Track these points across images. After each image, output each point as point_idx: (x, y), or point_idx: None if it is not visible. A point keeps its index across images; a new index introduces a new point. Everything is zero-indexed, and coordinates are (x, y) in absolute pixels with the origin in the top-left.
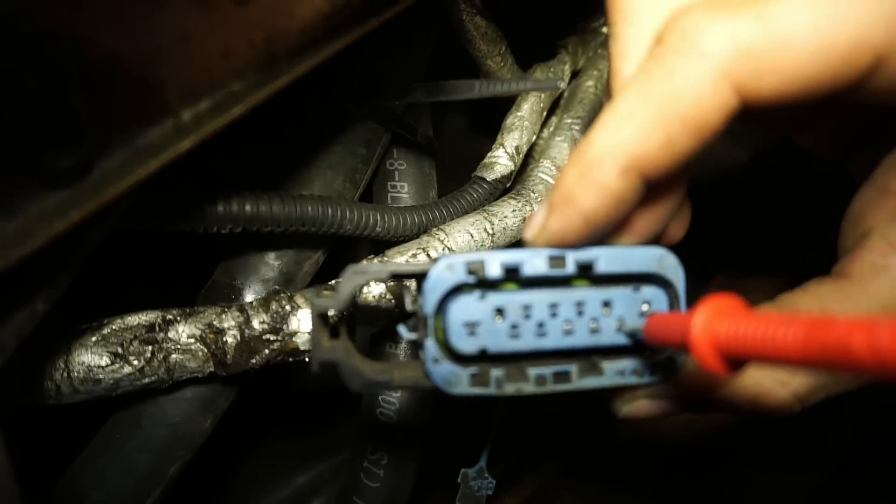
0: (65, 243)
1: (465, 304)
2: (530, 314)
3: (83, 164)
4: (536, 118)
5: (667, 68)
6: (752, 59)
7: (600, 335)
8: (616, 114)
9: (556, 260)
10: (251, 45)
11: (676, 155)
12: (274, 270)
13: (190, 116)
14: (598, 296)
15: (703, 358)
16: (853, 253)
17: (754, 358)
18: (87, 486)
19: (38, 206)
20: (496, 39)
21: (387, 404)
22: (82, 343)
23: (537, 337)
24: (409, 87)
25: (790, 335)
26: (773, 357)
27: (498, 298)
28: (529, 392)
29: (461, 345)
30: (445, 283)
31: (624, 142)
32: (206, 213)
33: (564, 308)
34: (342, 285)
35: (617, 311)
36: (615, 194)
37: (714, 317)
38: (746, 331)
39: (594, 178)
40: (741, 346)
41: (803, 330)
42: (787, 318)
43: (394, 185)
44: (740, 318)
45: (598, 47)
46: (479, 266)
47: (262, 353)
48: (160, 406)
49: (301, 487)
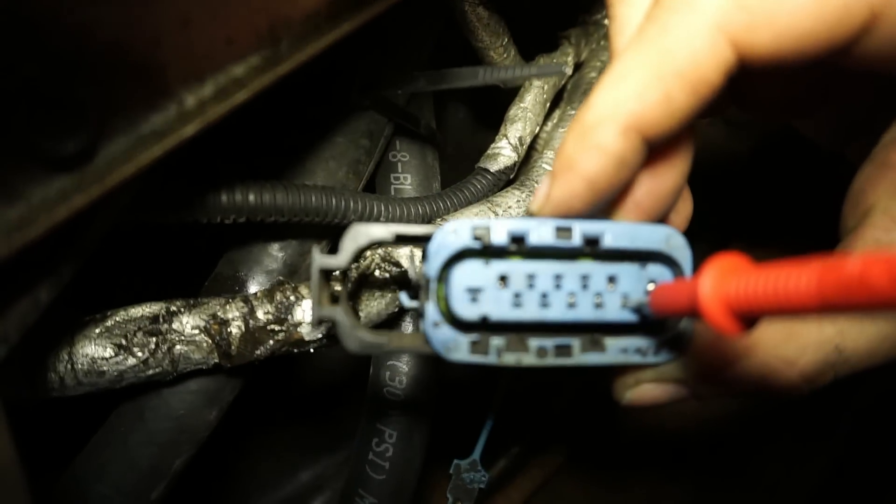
0: (68, 231)
1: (468, 269)
2: (534, 284)
3: (86, 149)
4: (540, 109)
5: (661, 25)
6: (746, 11)
7: (604, 310)
8: (613, 75)
9: (563, 231)
10: (255, 30)
11: (676, 113)
12: (278, 262)
13: (193, 102)
14: (603, 270)
15: (714, 318)
16: (856, 231)
17: (768, 311)
18: (91, 479)
19: (41, 192)
20: (499, 30)
21: (391, 396)
22: (86, 335)
23: (540, 308)
24: (412, 76)
25: (804, 281)
26: (788, 307)
27: (502, 266)
28: (529, 364)
29: (463, 310)
30: (450, 246)
31: (622, 101)
32: (209, 203)
33: (569, 280)
34: (345, 243)
35: (622, 287)
36: (617, 155)
37: (722, 275)
38: (756, 285)
39: (594, 140)
40: (753, 300)
41: (817, 273)
42: (796, 265)
43: (397, 176)
44: (748, 274)
45: (600, 39)
46: (485, 232)
47: (266, 344)
48: (164, 399)
49: (305, 483)
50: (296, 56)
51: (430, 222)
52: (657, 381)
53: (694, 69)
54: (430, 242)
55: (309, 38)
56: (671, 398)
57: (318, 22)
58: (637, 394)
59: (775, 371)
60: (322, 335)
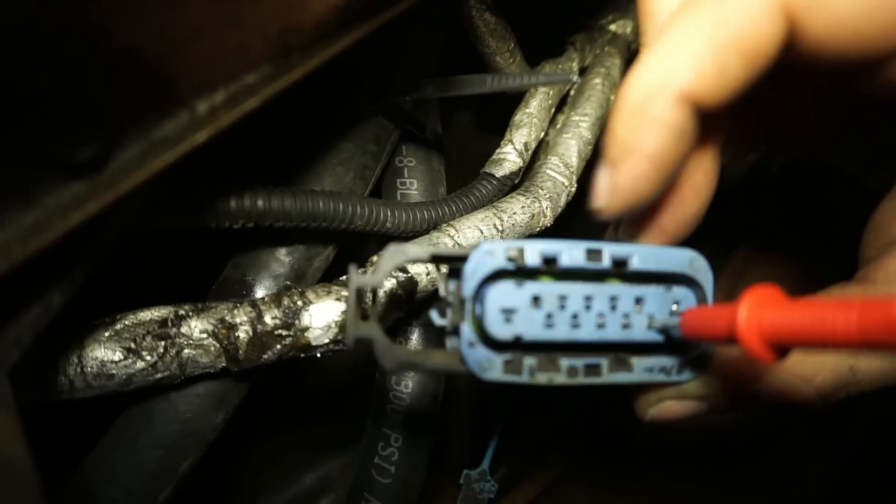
0: (81, 236)
1: (503, 290)
2: (565, 305)
3: (100, 156)
4: (545, 115)
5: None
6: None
7: (631, 331)
8: (663, 46)
9: (594, 253)
10: (266, 38)
11: (730, 84)
12: (285, 266)
13: (205, 109)
14: (631, 292)
15: (753, 347)
16: (878, 261)
17: (805, 343)
18: (100, 481)
19: (55, 198)
20: (505, 36)
21: (397, 400)
22: (95, 338)
23: (571, 328)
24: (420, 82)
25: (844, 318)
26: (827, 341)
27: (535, 287)
28: (560, 383)
29: (497, 331)
30: (485, 267)
31: (675, 71)
32: (218, 208)
33: (598, 301)
34: (382, 263)
35: (648, 308)
36: (677, 127)
37: (759, 306)
38: (795, 318)
39: (650, 115)
40: (791, 332)
41: (859, 312)
42: (836, 302)
43: (403, 181)
44: (785, 307)
45: (605, 45)
46: (518, 254)
47: (273, 349)
48: (172, 402)
49: (310, 486)
50: (307, 63)
51: (435, 227)
52: (680, 398)
53: (751, 41)
54: (466, 263)
55: (319, 45)
56: (693, 413)
57: (328, 29)
58: (659, 410)
59: (793, 387)
60: (329, 341)
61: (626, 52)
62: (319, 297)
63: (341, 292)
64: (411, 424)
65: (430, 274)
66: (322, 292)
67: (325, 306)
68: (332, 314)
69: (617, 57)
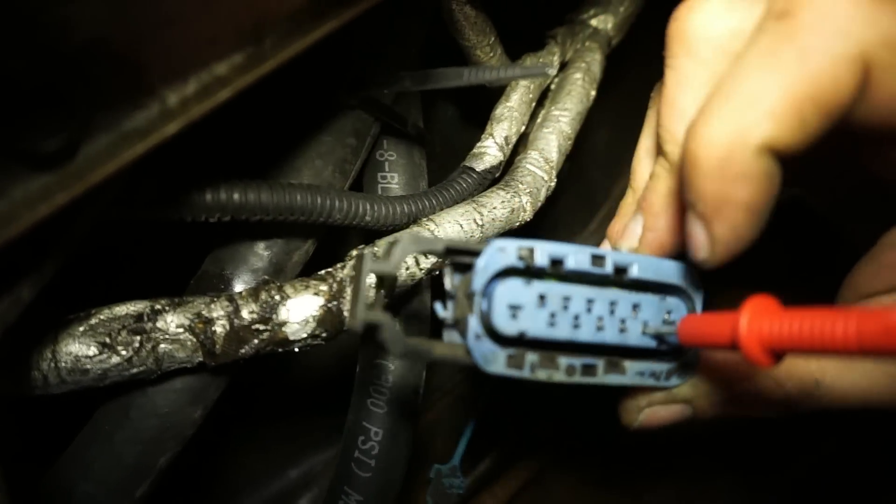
0: (50, 229)
1: (512, 287)
2: (568, 306)
3: (68, 147)
4: (525, 109)
5: (801, 47)
6: (892, 51)
7: (627, 335)
8: (738, 100)
9: (598, 259)
10: (238, 28)
11: (808, 136)
12: (263, 260)
13: (176, 100)
14: (629, 298)
15: (752, 353)
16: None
17: (801, 349)
18: (76, 477)
19: (22, 190)
20: (485, 29)
21: (377, 394)
22: (70, 333)
23: (572, 328)
24: (398, 75)
25: (841, 326)
26: (824, 348)
27: (542, 286)
28: (559, 380)
29: (503, 326)
30: (497, 264)
31: (756, 126)
32: (193, 201)
33: (599, 304)
34: (396, 251)
35: (643, 315)
36: (766, 175)
37: (759, 315)
38: (793, 326)
39: (737, 170)
40: (788, 339)
41: (857, 320)
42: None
43: (384, 175)
44: (785, 315)
45: (586, 39)
46: (529, 253)
47: (251, 343)
48: (149, 397)
49: (293, 481)
50: (280, 54)
51: (415, 221)
52: (668, 401)
53: (831, 94)
54: (479, 258)
55: (293, 35)
56: (678, 419)
57: (302, 20)
58: (647, 416)
59: (767, 391)
60: (307, 335)
61: (606, 47)
62: (297, 292)
63: (319, 287)
64: (392, 418)
65: (410, 268)
66: (300, 287)
67: (303, 301)
68: (310, 309)
69: (597, 52)
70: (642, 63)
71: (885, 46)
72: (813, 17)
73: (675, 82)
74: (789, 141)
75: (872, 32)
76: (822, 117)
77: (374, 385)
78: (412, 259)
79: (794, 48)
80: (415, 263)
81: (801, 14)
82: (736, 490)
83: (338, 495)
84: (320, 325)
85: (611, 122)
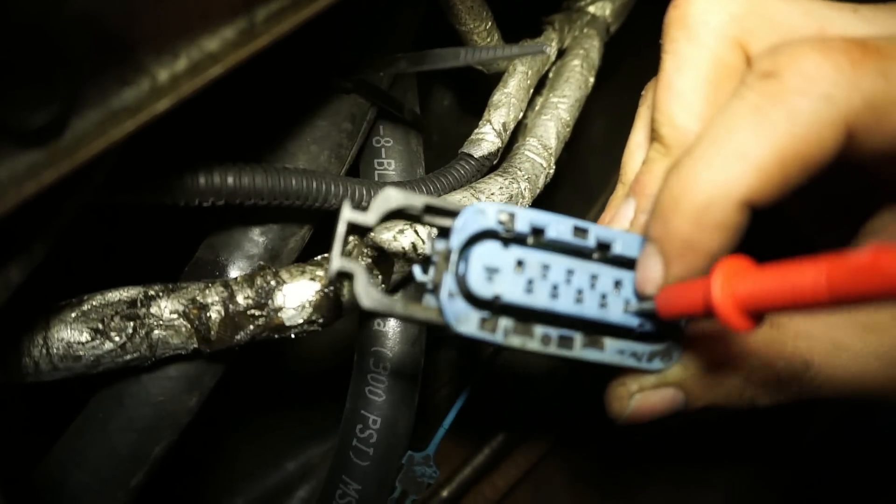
0: (39, 209)
1: (489, 249)
2: (547, 274)
3: (56, 123)
4: (523, 95)
5: (789, 110)
6: (874, 113)
7: (607, 311)
8: (725, 152)
9: (580, 231)
10: (230, 2)
11: (788, 190)
12: (259, 247)
13: (166, 77)
14: (611, 273)
15: (727, 315)
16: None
17: (778, 307)
18: (70, 465)
19: (8, 167)
20: (482, 14)
21: (375, 382)
22: (62, 319)
23: (550, 297)
24: (394, 57)
25: (812, 276)
26: (798, 302)
27: (520, 251)
28: (532, 349)
29: (478, 287)
30: (475, 224)
31: (742, 181)
32: (187, 185)
33: (579, 276)
34: (376, 202)
35: (625, 293)
36: (739, 228)
37: (731, 276)
38: (765, 283)
39: (714, 219)
40: (763, 298)
41: (826, 267)
42: (804, 262)
43: (380, 161)
44: (757, 273)
45: (584, 26)
46: (509, 217)
47: (246, 329)
48: (143, 384)
49: (291, 472)
50: (273, 31)
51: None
52: (660, 384)
53: (817, 156)
54: (457, 218)
55: (286, 11)
56: (669, 407)
57: None
58: (639, 402)
59: (757, 371)
60: (303, 321)
61: (604, 33)
62: (293, 277)
63: (316, 272)
64: (390, 407)
65: (401, 237)
66: (296, 272)
67: (299, 286)
68: (307, 294)
69: (595, 38)
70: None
71: (867, 108)
72: (798, 80)
73: (675, 67)
74: (770, 196)
75: (854, 96)
76: (803, 174)
77: (372, 373)
78: (409, 243)
79: (782, 110)
80: (412, 248)
81: (788, 77)
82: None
83: (336, 484)
84: (317, 310)
85: (608, 112)
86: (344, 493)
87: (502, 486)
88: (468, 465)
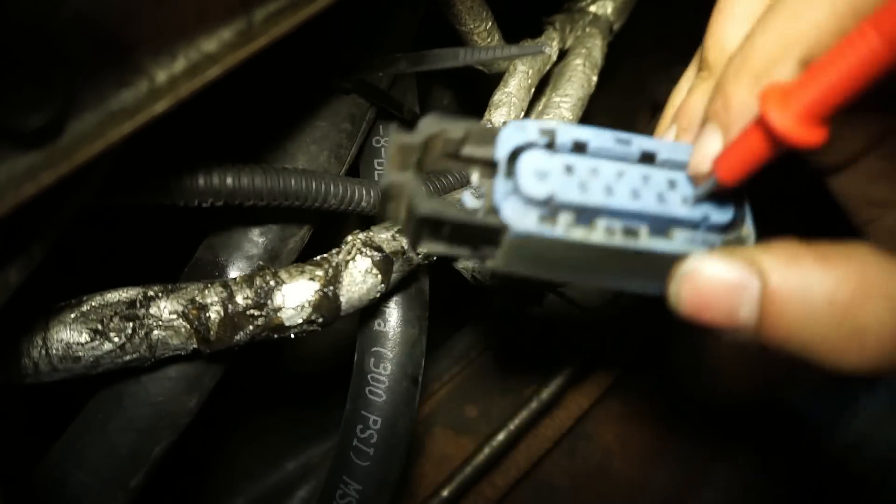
0: (37, 210)
1: (536, 156)
2: (597, 176)
3: (54, 124)
4: (524, 94)
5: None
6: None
7: (667, 204)
8: (781, 17)
9: (622, 141)
10: (228, 3)
11: None
12: (258, 247)
13: (165, 78)
14: (663, 174)
15: (797, 133)
16: None
17: (844, 95)
18: (70, 466)
19: (6, 168)
20: (482, 15)
21: (376, 382)
22: (61, 320)
23: (605, 194)
24: (393, 57)
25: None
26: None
27: (567, 158)
28: (596, 241)
29: (530, 189)
30: (519, 137)
31: (798, 36)
32: (186, 186)
33: (631, 177)
34: (422, 125)
35: (682, 190)
36: None
37: (780, 94)
38: (816, 80)
39: (775, 79)
40: (821, 94)
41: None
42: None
43: (381, 162)
44: (803, 78)
45: (586, 26)
46: (551, 133)
47: (246, 329)
48: (143, 385)
49: (291, 472)
50: (271, 31)
51: None
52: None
53: (867, 9)
54: (499, 133)
55: (284, 12)
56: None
57: None
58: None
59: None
60: (303, 321)
61: (607, 32)
62: (293, 277)
63: (315, 272)
64: (390, 407)
65: (406, 253)
66: (295, 272)
67: (299, 286)
68: (306, 294)
69: (598, 38)
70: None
71: None
72: None
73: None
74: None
75: None
76: None
77: (372, 373)
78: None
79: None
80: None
81: None
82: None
83: (336, 484)
84: (316, 310)
85: (610, 111)
86: (344, 493)
87: (502, 486)
88: (468, 465)
